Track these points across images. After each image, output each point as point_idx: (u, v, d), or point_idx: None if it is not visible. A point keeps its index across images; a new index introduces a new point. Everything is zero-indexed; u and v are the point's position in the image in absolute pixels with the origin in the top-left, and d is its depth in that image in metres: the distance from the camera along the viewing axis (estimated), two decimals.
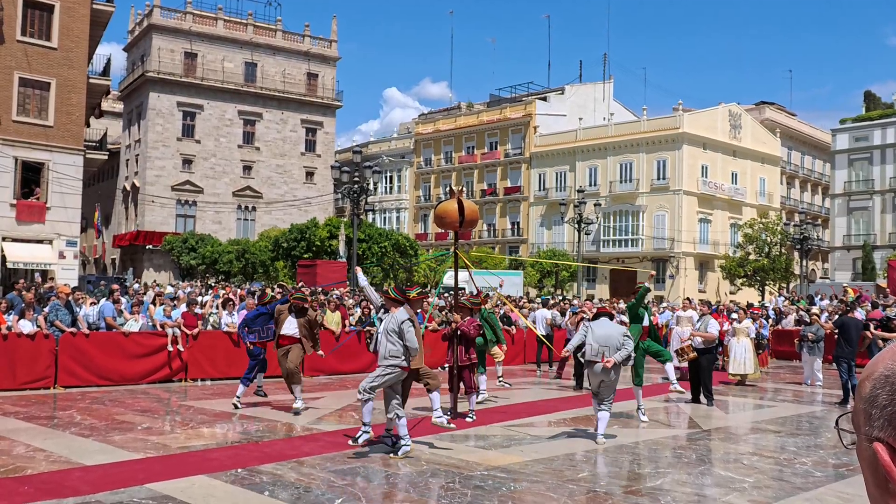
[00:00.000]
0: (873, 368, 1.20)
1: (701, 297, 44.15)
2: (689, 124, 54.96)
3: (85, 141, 35.01)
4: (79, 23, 32.21)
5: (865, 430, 1.16)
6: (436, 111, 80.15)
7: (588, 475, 8.52)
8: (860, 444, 1.16)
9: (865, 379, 1.20)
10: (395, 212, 71.15)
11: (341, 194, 35.79)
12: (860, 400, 1.18)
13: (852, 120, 62.10)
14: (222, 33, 62.25)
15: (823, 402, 14.97)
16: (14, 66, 30.67)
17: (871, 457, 1.14)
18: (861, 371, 1.22)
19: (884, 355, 1.21)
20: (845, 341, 14.60)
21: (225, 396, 13.76)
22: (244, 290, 26.17)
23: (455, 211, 11.71)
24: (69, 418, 11.27)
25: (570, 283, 51.52)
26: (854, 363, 14.73)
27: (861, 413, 1.17)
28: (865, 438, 1.15)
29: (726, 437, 11.20)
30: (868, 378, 1.19)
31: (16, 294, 16.73)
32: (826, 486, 8.07)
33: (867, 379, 1.19)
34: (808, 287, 40.99)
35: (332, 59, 67.17)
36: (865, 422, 1.16)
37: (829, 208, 65.02)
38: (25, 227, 31.20)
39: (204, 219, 60.56)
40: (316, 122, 66.20)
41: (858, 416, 1.17)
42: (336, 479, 7.98)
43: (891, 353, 1.19)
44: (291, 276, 39.42)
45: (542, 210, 61.72)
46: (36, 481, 7.56)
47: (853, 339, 14.74)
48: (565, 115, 63.79)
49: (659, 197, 55.45)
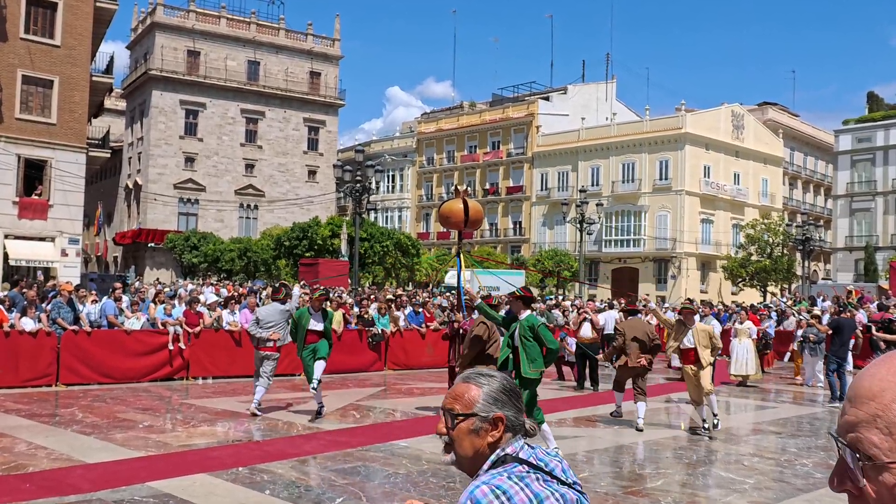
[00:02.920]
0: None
1: (703, 297, 44.12)
2: (691, 124, 54.93)
3: (87, 139, 35.03)
4: (82, 20, 32.23)
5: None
6: (438, 110, 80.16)
7: (589, 475, 8.52)
8: (874, 470, 1.13)
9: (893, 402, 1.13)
10: (397, 211, 71.17)
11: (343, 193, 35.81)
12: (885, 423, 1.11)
13: (855, 121, 62.05)
14: (225, 31, 62.25)
15: (824, 404, 14.97)
16: (17, 63, 30.70)
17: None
18: (853, 370, 1.19)
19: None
20: (839, 341, 14.78)
21: (226, 395, 13.78)
22: (245, 289, 26.18)
23: (460, 210, 11.73)
24: (71, 416, 11.28)
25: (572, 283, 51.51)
26: (845, 363, 15.12)
27: (882, 439, 1.10)
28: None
29: (727, 438, 11.20)
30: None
31: (17, 291, 16.76)
32: (826, 488, 8.05)
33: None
34: (810, 288, 40.95)
35: (335, 58, 67.16)
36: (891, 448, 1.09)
37: (831, 209, 64.97)
38: (28, 225, 31.24)
39: (206, 217, 60.59)
40: (318, 121, 66.19)
41: (870, 437, 1.11)
42: (337, 477, 7.99)
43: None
44: (293, 274, 39.45)
45: (544, 210, 61.71)
46: (37, 479, 7.57)
47: (846, 340, 15.05)
48: (568, 114, 63.76)
49: (661, 197, 55.42)
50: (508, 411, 2.08)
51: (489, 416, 2.04)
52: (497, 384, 2.11)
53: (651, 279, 55.62)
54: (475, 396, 2.06)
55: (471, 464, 2.06)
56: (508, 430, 2.07)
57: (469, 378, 2.15)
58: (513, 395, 2.12)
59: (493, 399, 2.07)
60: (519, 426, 2.10)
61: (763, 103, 70.38)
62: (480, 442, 2.04)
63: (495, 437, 2.04)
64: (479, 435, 2.04)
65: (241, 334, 16.25)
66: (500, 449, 2.04)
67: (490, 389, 2.08)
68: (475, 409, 2.05)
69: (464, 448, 2.05)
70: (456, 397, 2.11)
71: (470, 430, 2.04)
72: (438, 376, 16.33)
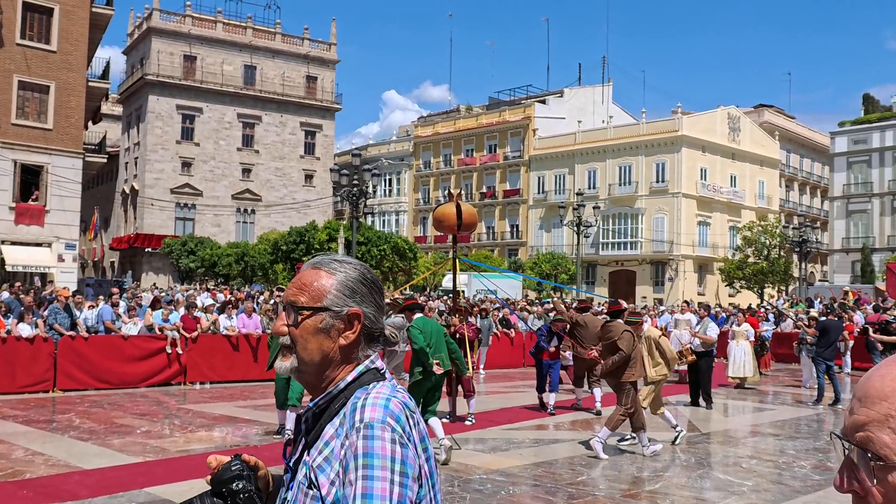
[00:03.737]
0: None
1: (700, 300, 44.16)
2: (687, 127, 55.00)
3: (84, 144, 34.99)
4: (78, 26, 32.22)
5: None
6: (435, 114, 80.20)
7: (587, 479, 8.52)
8: (883, 471, 1.11)
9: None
10: (394, 214, 71.17)
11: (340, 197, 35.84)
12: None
13: (851, 123, 62.19)
14: (221, 36, 62.25)
15: (822, 406, 14.97)
16: (13, 69, 30.68)
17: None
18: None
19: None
20: (826, 343, 15.00)
21: (224, 400, 13.76)
22: (243, 294, 26.16)
23: (453, 214, 11.74)
24: (68, 422, 11.25)
25: (570, 285, 51.52)
26: (832, 364, 15.28)
27: (894, 439, 1.09)
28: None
29: (725, 441, 11.20)
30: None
31: (13, 297, 16.73)
32: (825, 490, 8.07)
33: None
34: (807, 290, 41.00)
35: (332, 62, 67.19)
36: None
37: (827, 211, 65.08)
38: (25, 230, 31.20)
39: (203, 222, 60.53)
40: (315, 125, 66.19)
41: (882, 437, 1.09)
42: None
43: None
44: (290, 279, 39.37)
45: (541, 213, 61.73)
46: (35, 485, 7.55)
47: (833, 341, 15.21)
48: (564, 117, 63.83)
49: (658, 200, 55.47)
50: (368, 307, 1.68)
51: (343, 312, 1.65)
52: (355, 272, 1.70)
53: (648, 282, 55.67)
54: (326, 286, 1.66)
55: (316, 372, 1.66)
56: (365, 333, 1.68)
57: (320, 264, 1.72)
58: (374, 287, 1.71)
59: (349, 290, 1.67)
60: (378, 330, 1.70)
61: (759, 105, 70.50)
62: (330, 344, 1.64)
63: (349, 338, 1.65)
64: (329, 335, 1.64)
65: (239, 339, 16.24)
66: (369, 360, 1.67)
67: (346, 278, 1.68)
68: (326, 301, 1.65)
69: (308, 351, 1.64)
70: (302, 287, 1.68)
71: (318, 328, 1.64)
72: None
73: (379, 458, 1.46)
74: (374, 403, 1.53)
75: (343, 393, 1.61)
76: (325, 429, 1.58)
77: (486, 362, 19.64)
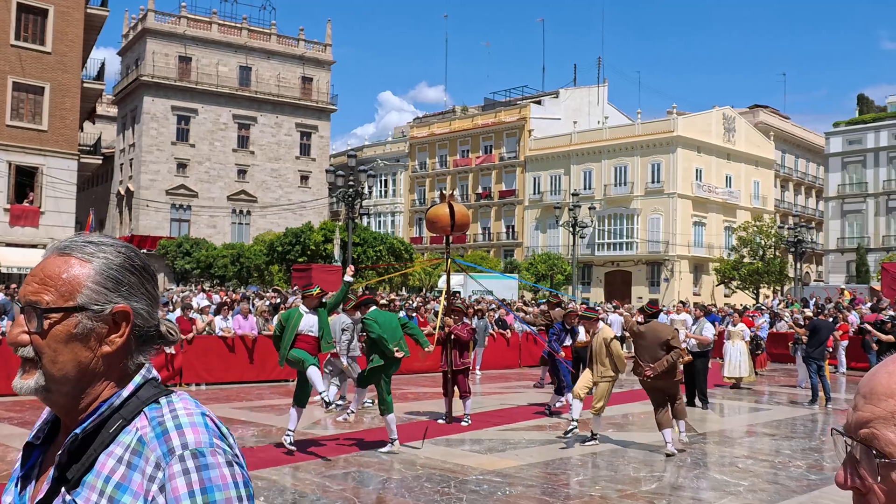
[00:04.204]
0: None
1: (696, 300, 44.23)
2: (683, 128, 55.10)
3: (79, 145, 34.92)
4: (73, 27, 32.15)
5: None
6: (431, 115, 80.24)
7: (584, 479, 8.52)
8: (887, 468, 1.10)
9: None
10: (390, 215, 71.17)
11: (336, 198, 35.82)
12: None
13: (846, 123, 62.36)
14: (217, 37, 62.18)
15: (818, 406, 14.99)
16: (8, 70, 30.61)
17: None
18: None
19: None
20: (815, 343, 14.97)
21: (220, 401, 13.72)
22: (238, 295, 26.11)
23: (446, 215, 11.72)
24: None
25: (566, 286, 51.55)
26: (824, 364, 15.19)
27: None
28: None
29: (721, 441, 11.21)
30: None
31: (8, 299, 16.68)
32: (820, 490, 8.08)
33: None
34: (803, 290, 41.09)
35: (327, 63, 67.15)
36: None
37: (822, 211, 65.25)
38: (19, 232, 31.13)
39: (198, 223, 60.46)
40: (311, 126, 66.15)
41: (887, 434, 1.08)
42: (331, 484, 7.97)
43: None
44: (286, 280, 39.38)
45: (537, 213, 61.78)
46: None
47: (824, 341, 15.16)
48: (560, 118, 63.90)
49: (653, 200, 55.54)
50: (137, 302, 1.31)
51: (106, 312, 1.28)
52: (118, 257, 1.32)
53: (644, 282, 55.74)
54: (80, 278, 1.29)
55: (72, 391, 1.29)
56: (137, 335, 1.32)
57: (69, 248, 1.33)
58: (143, 275, 1.34)
59: (112, 281, 1.29)
60: (153, 328, 1.34)
61: (754, 106, 70.69)
62: (89, 354, 1.28)
63: (116, 344, 1.29)
64: (87, 342, 1.28)
65: (235, 340, 16.21)
66: (145, 369, 1.33)
67: (106, 265, 1.30)
68: (80, 298, 1.28)
69: (60, 365, 1.28)
70: (46, 281, 1.29)
71: (71, 334, 1.27)
72: (432, 381, 16.32)
73: (221, 489, 1.22)
74: (190, 423, 1.26)
75: (119, 412, 1.28)
76: (99, 459, 1.25)
77: (482, 363, 19.64)
